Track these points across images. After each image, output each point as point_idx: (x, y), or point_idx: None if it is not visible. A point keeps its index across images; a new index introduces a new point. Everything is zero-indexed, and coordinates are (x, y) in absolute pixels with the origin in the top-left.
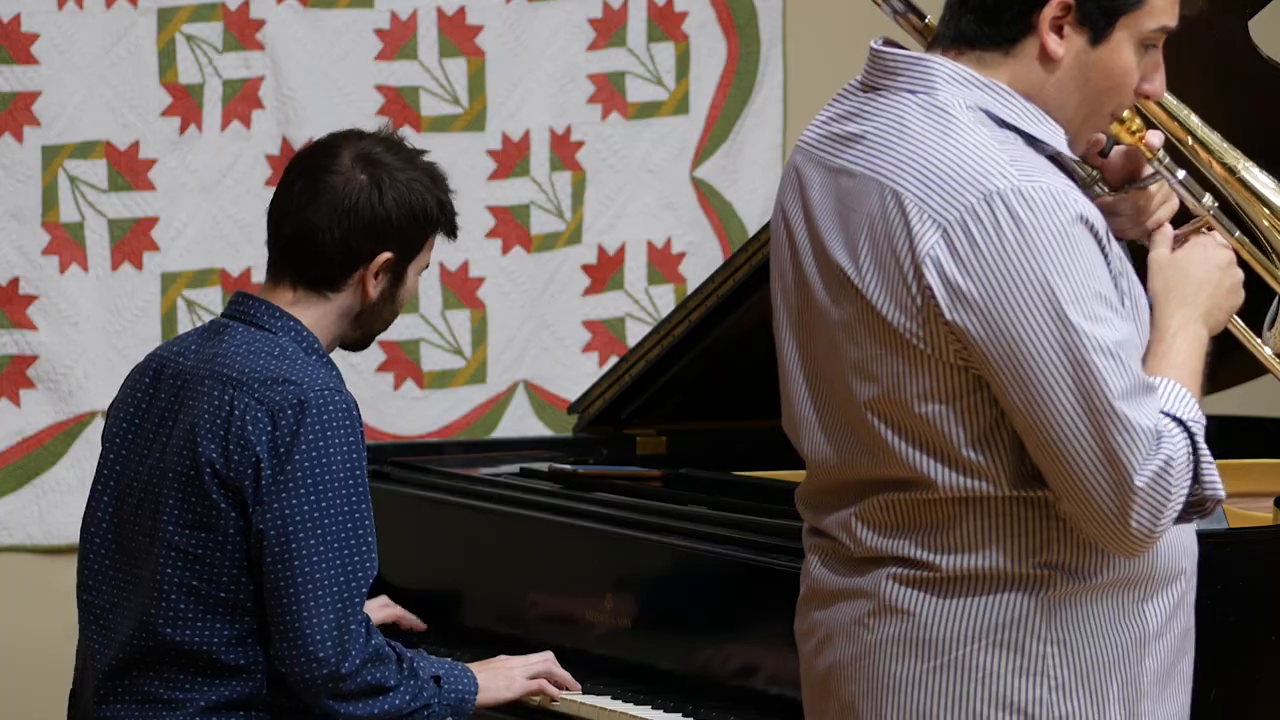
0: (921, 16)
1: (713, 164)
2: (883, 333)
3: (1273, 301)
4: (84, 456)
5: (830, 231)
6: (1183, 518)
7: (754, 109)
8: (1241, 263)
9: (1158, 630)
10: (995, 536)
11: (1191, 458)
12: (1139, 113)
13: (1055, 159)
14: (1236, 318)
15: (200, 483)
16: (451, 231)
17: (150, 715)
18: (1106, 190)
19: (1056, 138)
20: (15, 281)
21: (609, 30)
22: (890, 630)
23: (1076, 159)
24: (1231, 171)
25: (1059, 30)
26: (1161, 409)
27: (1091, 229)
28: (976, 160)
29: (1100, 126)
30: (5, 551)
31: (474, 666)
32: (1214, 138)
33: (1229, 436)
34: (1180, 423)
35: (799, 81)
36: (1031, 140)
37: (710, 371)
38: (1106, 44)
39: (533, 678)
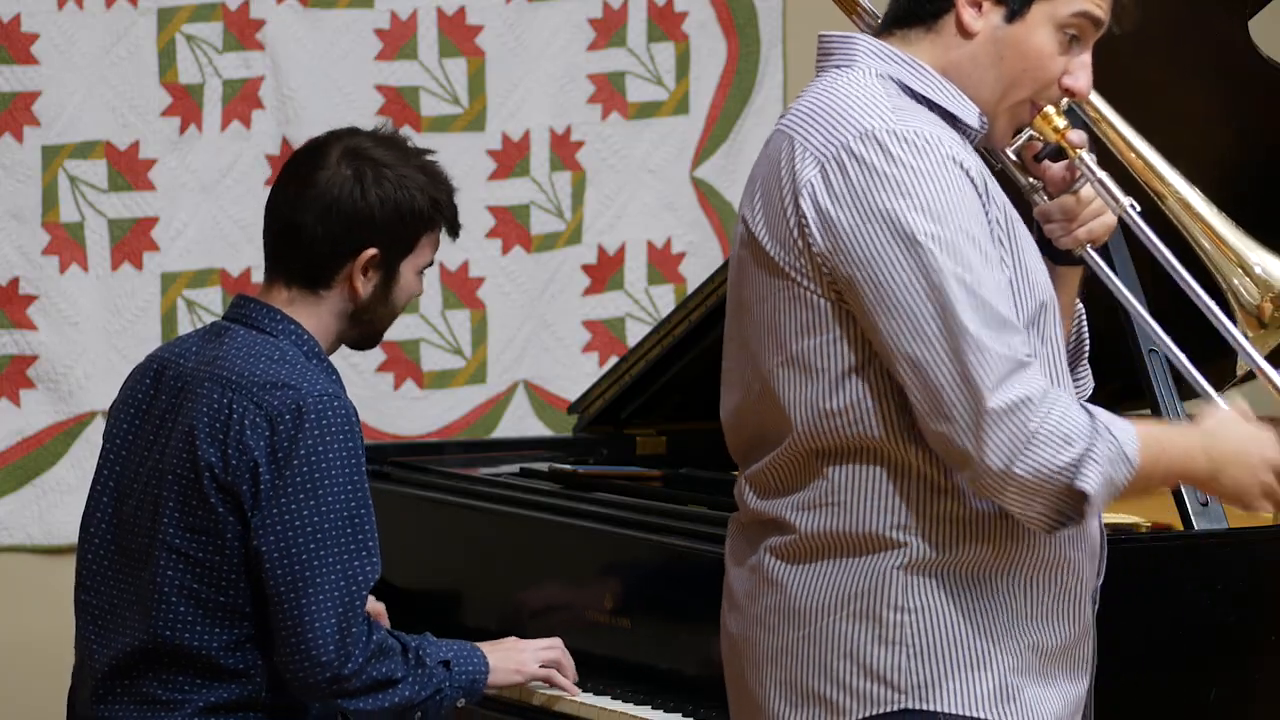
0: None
1: (713, 164)
2: (769, 270)
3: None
4: (84, 456)
5: (746, 194)
6: (1055, 520)
7: (754, 109)
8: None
9: (1030, 612)
10: (851, 496)
11: (1084, 440)
12: (1077, 118)
13: (998, 171)
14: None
15: (200, 486)
16: (454, 230)
17: (148, 715)
18: (1046, 199)
19: (970, 113)
20: (15, 281)
21: (609, 30)
22: (768, 601)
23: (1018, 166)
24: (1185, 204)
25: (977, 4)
26: (1087, 406)
27: (967, 174)
28: (860, 104)
29: (1019, 116)
30: (5, 551)
31: (484, 647)
32: (1155, 156)
33: None
34: (1091, 415)
35: (799, 81)
36: (948, 116)
37: (710, 371)
38: (1022, 22)
39: (543, 665)
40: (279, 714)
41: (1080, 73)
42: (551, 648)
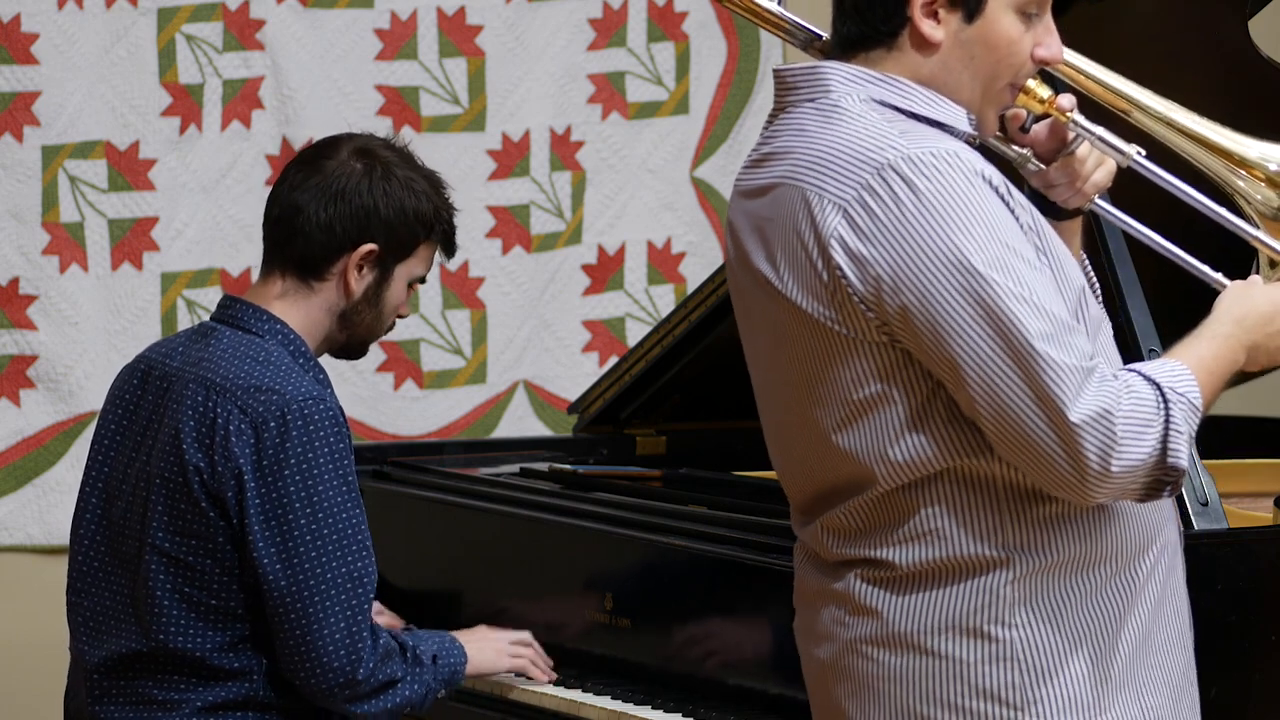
0: (821, 38)
1: (713, 164)
2: (807, 329)
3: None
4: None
5: (754, 250)
6: (1152, 492)
7: (754, 109)
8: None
9: (1130, 600)
10: (946, 524)
11: (1160, 417)
12: (1047, 80)
13: (978, 145)
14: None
15: (189, 490)
16: (449, 246)
17: (145, 715)
18: (1040, 165)
19: (959, 119)
20: (15, 281)
21: (609, 30)
22: (863, 629)
23: (1002, 138)
24: (1168, 122)
25: (933, 14)
26: (1143, 372)
27: (989, 183)
28: (865, 139)
29: (1003, 101)
30: (5, 551)
31: (458, 635)
32: (1136, 90)
33: (1229, 436)
34: (1153, 384)
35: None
36: (936, 126)
37: (710, 371)
38: (982, 18)
39: (516, 657)
40: (277, 712)
41: (1049, 40)
42: (522, 640)
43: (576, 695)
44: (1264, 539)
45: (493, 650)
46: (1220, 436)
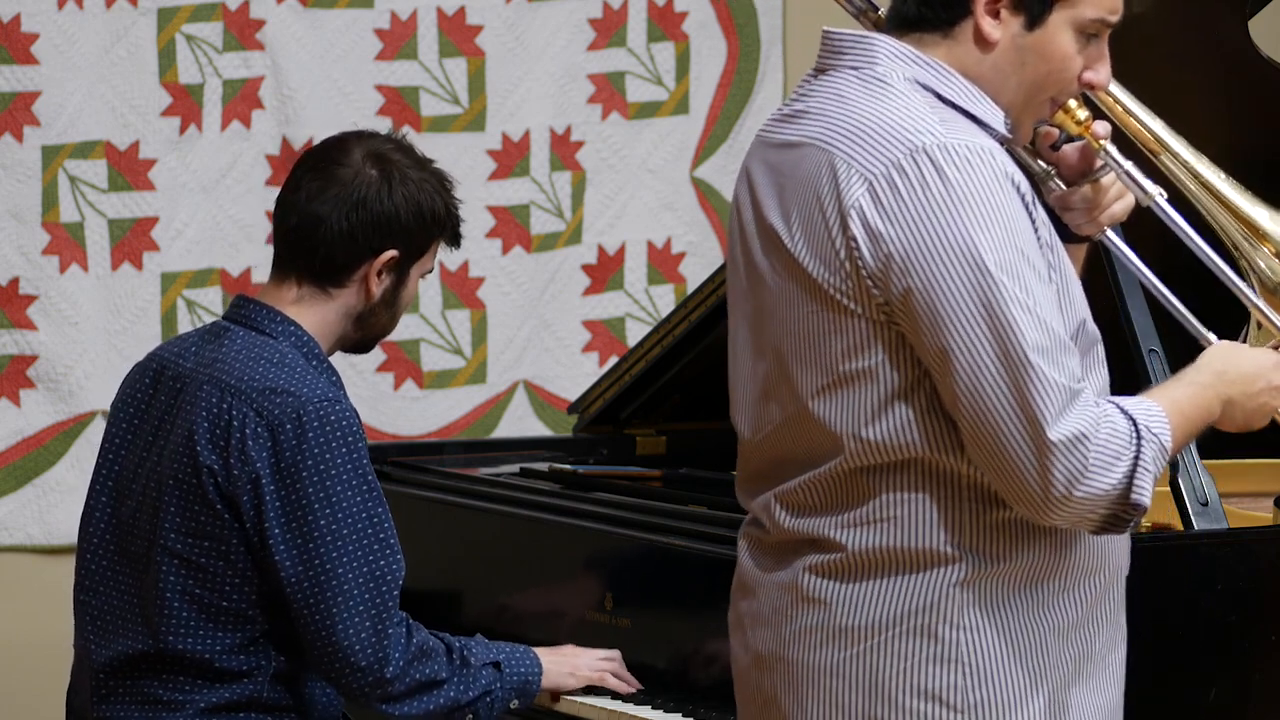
0: (876, 9)
1: (713, 164)
2: (809, 291)
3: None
4: (84, 456)
5: (769, 202)
6: (1107, 525)
7: (754, 109)
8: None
9: (1078, 620)
10: (904, 513)
11: (1131, 452)
12: (1088, 103)
13: (1005, 149)
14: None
15: (203, 491)
16: (455, 239)
17: (150, 715)
18: (1061, 185)
19: (996, 118)
20: (15, 281)
21: (609, 30)
22: (808, 620)
23: (1030, 151)
24: (1194, 174)
25: (995, 14)
26: (1121, 406)
27: (1018, 190)
28: (905, 119)
29: (1042, 114)
30: (5, 551)
31: (540, 651)
32: (1171, 135)
33: (1229, 436)
34: (1130, 419)
35: (799, 81)
36: (972, 119)
37: (710, 371)
38: (1043, 28)
39: (596, 671)
40: (281, 713)
41: (1100, 66)
42: (610, 658)
43: (576, 696)
44: (1264, 539)
45: (571, 665)
46: (1220, 436)
